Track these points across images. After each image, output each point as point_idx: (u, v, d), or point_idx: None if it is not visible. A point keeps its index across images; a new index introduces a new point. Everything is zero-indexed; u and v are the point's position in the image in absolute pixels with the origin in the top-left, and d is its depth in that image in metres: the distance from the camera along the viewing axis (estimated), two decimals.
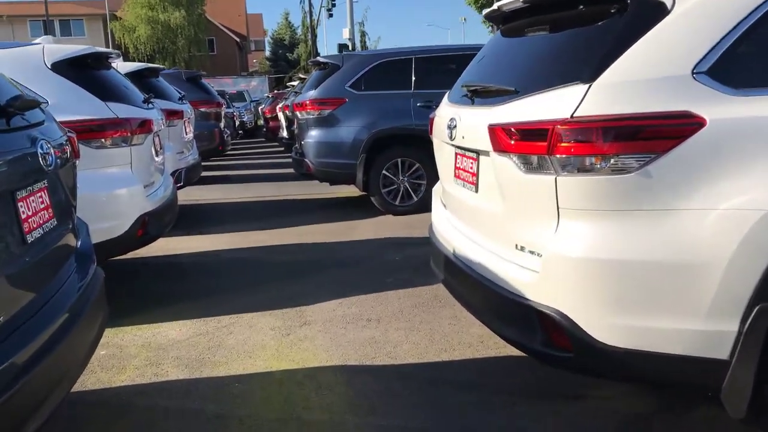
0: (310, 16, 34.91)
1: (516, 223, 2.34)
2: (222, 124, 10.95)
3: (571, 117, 2.05)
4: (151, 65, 8.39)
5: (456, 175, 2.91)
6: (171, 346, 3.53)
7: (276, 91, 26.01)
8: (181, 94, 8.46)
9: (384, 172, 7.03)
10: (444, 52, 7.48)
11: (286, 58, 59.16)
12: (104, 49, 4.52)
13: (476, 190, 2.67)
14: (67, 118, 3.79)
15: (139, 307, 4.16)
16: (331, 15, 33.36)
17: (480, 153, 2.59)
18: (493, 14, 2.88)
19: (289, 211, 7.76)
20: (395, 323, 3.75)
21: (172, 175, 6.43)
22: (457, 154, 2.88)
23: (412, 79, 7.09)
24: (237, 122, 19.95)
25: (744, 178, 1.90)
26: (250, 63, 62.14)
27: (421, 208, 6.91)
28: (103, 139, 3.92)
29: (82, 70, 4.16)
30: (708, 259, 1.91)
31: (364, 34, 45.32)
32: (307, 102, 7.22)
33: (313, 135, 7.19)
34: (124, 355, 3.43)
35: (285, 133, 12.54)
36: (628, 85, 2.03)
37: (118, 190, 4.01)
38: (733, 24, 1.99)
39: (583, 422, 2.60)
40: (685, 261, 1.94)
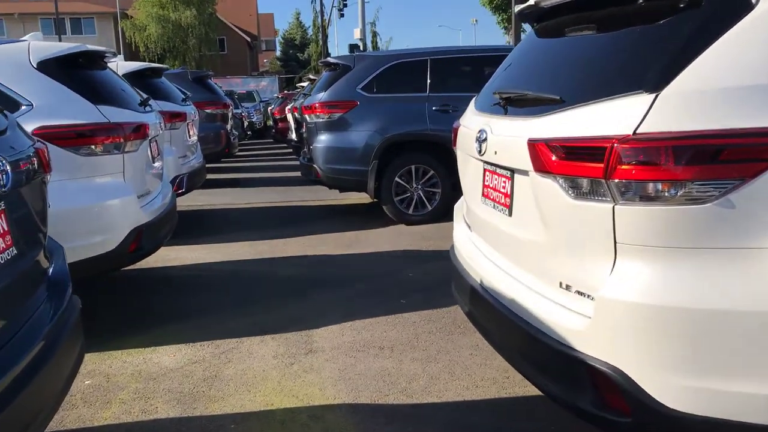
0: (322, 16, 34.53)
1: (560, 257, 1.98)
2: (229, 126, 10.59)
3: (634, 134, 1.69)
4: (153, 65, 8.05)
5: (484, 194, 2.55)
6: (163, 376, 3.19)
7: (286, 92, 25.71)
8: (185, 95, 8.14)
9: (397, 179, 6.66)
10: (461, 53, 7.11)
11: (297, 58, 59.02)
12: (97, 48, 4.17)
13: (509, 214, 2.30)
14: (52, 122, 3.47)
15: (131, 328, 3.84)
16: (343, 15, 32.94)
17: (516, 171, 2.23)
18: (528, 11, 2.53)
19: (296, 219, 7.40)
20: (410, 352, 3.39)
21: (174, 181, 6.11)
22: (486, 171, 2.52)
23: (428, 81, 6.67)
24: (246, 123, 19.65)
25: None
26: (260, 63, 61.95)
27: (436, 217, 6.59)
28: (93, 146, 3.58)
29: (72, 70, 3.82)
30: None
31: (375, 34, 44.88)
32: (317, 105, 6.84)
33: (323, 140, 6.81)
34: (111, 386, 3.10)
35: (294, 136, 12.16)
36: (703, 95, 1.67)
37: (109, 201, 3.67)
38: None
39: None
40: None
